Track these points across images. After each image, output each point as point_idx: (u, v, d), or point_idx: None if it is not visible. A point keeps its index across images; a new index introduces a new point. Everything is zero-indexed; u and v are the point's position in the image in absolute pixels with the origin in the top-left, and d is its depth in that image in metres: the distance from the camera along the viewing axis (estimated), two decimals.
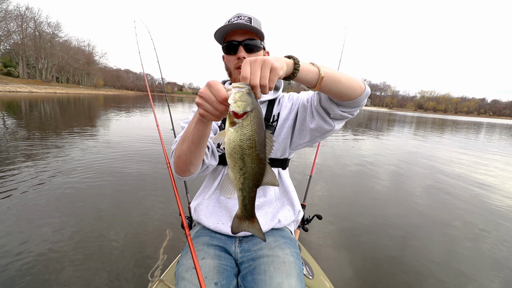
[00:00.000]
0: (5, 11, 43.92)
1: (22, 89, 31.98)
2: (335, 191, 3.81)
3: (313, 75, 0.68)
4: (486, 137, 15.35)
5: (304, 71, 0.66)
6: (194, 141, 0.78)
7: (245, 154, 0.53)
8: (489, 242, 2.62)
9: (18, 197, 2.86)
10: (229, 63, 1.00)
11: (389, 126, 18.76)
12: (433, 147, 9.05)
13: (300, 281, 0.83)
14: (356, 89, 0.76)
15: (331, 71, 0.71)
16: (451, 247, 2.48)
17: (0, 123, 7.50)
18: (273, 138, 0.57)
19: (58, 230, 2.29)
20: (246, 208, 0.59)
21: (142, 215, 2.65)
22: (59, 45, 60.75)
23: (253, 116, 0.53)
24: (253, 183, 0.56)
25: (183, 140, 0.83)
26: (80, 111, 13.82)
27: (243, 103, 0.52)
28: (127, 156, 4.82)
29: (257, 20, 0.97)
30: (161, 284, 1.04)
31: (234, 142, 0.53)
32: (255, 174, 0.56)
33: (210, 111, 0.60)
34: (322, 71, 0.68)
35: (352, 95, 0.76)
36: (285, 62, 0.62)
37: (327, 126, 0.87)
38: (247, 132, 0.53)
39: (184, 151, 0.83)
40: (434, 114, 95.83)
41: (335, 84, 0.72)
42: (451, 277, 2.03)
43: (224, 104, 0.58)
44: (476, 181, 4.84)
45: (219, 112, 0.60)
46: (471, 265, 2.21)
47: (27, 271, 1.78)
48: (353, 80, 0.75)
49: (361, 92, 0.78)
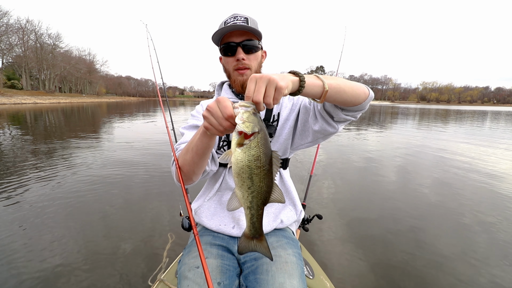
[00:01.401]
0: (6, 25, 44.72)
1: (27, 101, 32.61)
2: (338, 187, 3.80)
3: (318, 89, 0.70)
4: (491, 126, 15.11)
5: (309, 86, 0.67)
6: (198, 152, 0.80)
7: (253, 173, 0.54)
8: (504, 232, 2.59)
9: (24, 204, 2.92)
10: (228, 64, 1.00)
11: (392, 119, 18.59)
12: (437, 138, 8.94)
13: (302, 282, 0.84)
14: (360, 96, 0.79)
15: (335, 82, 0.72)
16: (463, 240, 2.47)
17: (14, 133, 7.69)
18: (279, 155, 0.58)
19: (61, 238, 2.33)
20: (254, 226, 0.60)
21: (146, 219, 2.69)
22: (61, 55, 61.67)
23: (260, 138, 0.54)
24: (261, 201, 0.58)
25: (187, 151, 0.85)
26: (85, 120, 13.98)
27: (251, 124, 0.53)
28: (133, 159, 4.89)
29: (254, 20, 0.97)
30: (161, 285, 1.04)
31: (242, 163, 0.54)
32: (263, 192, 0.57)
33: (215, 125, 0.62)
34: (326, 85, 0.69)
35: (356, 101, 0.79)
36: (291, 80, 0.62)
37: (331, 129, 0.89)
38: (255, 153, 0.54)
39: (187, 161, 0.85)
40: (437, 105, 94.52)
41: (339, 94, 0.74)
42: (463, 271, 2.02)
43: (229, 121, 0.59)
44: (486, 171, 4.77)
45: (223, 128, 0.61)
46: (485, 255, 2.20)
47: (32, 271, 1.82)
48: (356, 88, 0.78)
49: (365, 98, 0.80)
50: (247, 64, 0.96)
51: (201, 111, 1.11)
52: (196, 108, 1.15)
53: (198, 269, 0.84)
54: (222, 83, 1.16)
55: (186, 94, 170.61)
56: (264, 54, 1.05)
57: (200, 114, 1.10)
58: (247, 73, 0.97)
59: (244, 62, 0.95)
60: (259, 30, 0.94)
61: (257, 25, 0.97)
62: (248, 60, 0.95)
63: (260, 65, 1.02)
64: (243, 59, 0.94)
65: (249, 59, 0.96)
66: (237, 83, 0.99)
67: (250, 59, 0.96)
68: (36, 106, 25.91)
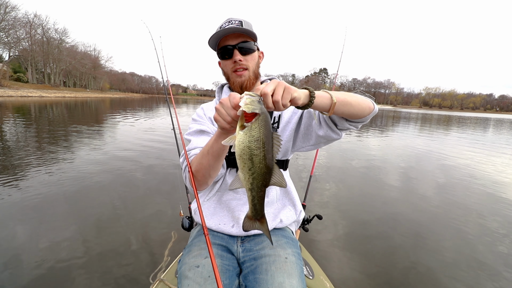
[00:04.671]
0: (14, 19, 45.07)
1: (33, 94, 32.83)
2: (340, 189, 3.82)
3: (327, 101, 0.75)
4: (494, 132, 15.01)
5: (319, 99, 0.73)
6: (214, 154, 0.84)
7: (253, 154, 0.57)
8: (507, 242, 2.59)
9: (25, 198, 2.95)
10: (226, 67, 1.02)
11: (394, 123, 18.51)
12: (440, 144, 8.91)
13: (301, 281, 0.84)
14: (365, 110, 0.84)
15: (342, 96, 0.78)
16: (464, 246, 2.46)
17: (28, 126, 7.79)
18: (280, 139, 0.61)
19: (62, 234, 2.32)
20: (255, 208, 0.63)
21: (148, 217, 2.71)
22: (66, 50, 61.97)
23: (261, 119, 0.57)
24: (261, 183, 0.60)
25: (203, 155, 0.89)
26: (87, 114, 14.03)
27: (252, 106, 0.57)
28: (137, 158, 4.93)
29: (248, 22, 0.99)
30: (161, 284, 1.03)
31: (243, 144, 0.57)
32: (263, 174, 0.59)
33: (223, 115, 0.67)
34: (334, 98, 0.75)
35: (361, 115, 0.85)
36: (303, 93, 0.69)
37: (335, 136, 0.93)
38: (255, 134, 0.57)
39: (204, 165, 0.89)
40: (439, 111, 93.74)
41: (346, 107, 0.79)
42: (464, 277, 2.01)
43: (235, 109, 0.63)
44: (489, 179, 4.77)
45: (231, 117, 0.66)
46: (489, 263, 2.19)
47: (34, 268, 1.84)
48: (362, 102, 0.83)
49: (369, 112, 0.86)
50: (245, 65, 0.99)
51: (201, 114, 1.14)
52: (197, 111, 1.17)
53: (198, 269, 0.85)
54: (222, 85, 1.18)
55: (189, 92, 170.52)
56: (262, 55, 1.08)
57: (201, 117, 1.13)
58: (245, 74, 1.00)
59: (242, 63, 0.98)
60: (253, 31, 0.97)
61: (251, 27, 0.99)
62: (245, 61, 0.98)
63: (257, 66, 1.05)
64: (240, 60, 0.97)
65: (246, 60, 0.99)
66: (236, 85, 1.02)
67: (247, 60, 0.99)
68: (41, 100, 26.00)
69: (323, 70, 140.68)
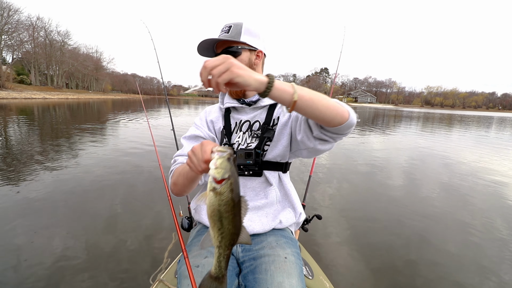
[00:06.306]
0: (17, 22, 45.51)
1: (36, 96, 33.14)
2: (340, 189, 3.82)
3: (287, 96, 0.68)
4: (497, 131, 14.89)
5: (278, 90, 0.67)
6: (187, 178, 0.89)
7: (223, 217, 0.60)
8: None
9: (25, 198, 2.97)
10: None
11: (396, 122, 18.44)
12: (442, 143, 8.88)
13: (301, 281, 0.84)
14: (335, 118, 0.74)
15: (308, 95, 0.70)
16: (469, 246, 2.45)
17: (34, 127, 7.88)
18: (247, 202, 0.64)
19: (62, 235, 2.32)
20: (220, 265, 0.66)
21: (149, 218, 2.73)
22: (69, 52, 62.33)
23: (229, 183, 0.59)
24: (229, 242, 0.64)
25: (179, 174, 0.93)
26: (90, 115, 14.16)
27: (222, 170, 0.59)
28: (137, 158, 4.95)
29: (238, 24, 1.00)
30: (161, 285, 1.03)
31: (213, 206, 0.60)
32: (231, 234, 0.63)
33: (195, 166, 0.69)
34: (296, 95, 0.67)
35: (330, 123, 0.75)
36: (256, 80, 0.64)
37: (309, 143, 0.87)
38: (224, 198, 0.59)
39: (179, 183, 0.93)
40: (441, 110, 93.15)
41: (310, 109, 0.72)
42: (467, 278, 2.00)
43: (206, 164, 0.66)
44: (493, 178, 4.74)
45: (202, 169, 0.68)
46: (495, 265, 2.17)
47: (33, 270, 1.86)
48: (333, 108, 0.73)
49: (341, 122, 0.75)
50: None
51: (203, 118, 1.14)
52: (200, 115, 1.17)
53: (198, 268, 0.85)
54: None
55: (191, 93, 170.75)
56: (260, 54, 1.07)
57: (202, 123, 1.13)
58: None
59: None
60: (241, 33, 0.98)
61: (240, 28, 0.99)
62: None
63: (251, 66, 1.04)
64: None
65: None
66: (231, 91, 1.06)
67: None
68: (45, 101, 26.20)
69: (324, 70, 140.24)
